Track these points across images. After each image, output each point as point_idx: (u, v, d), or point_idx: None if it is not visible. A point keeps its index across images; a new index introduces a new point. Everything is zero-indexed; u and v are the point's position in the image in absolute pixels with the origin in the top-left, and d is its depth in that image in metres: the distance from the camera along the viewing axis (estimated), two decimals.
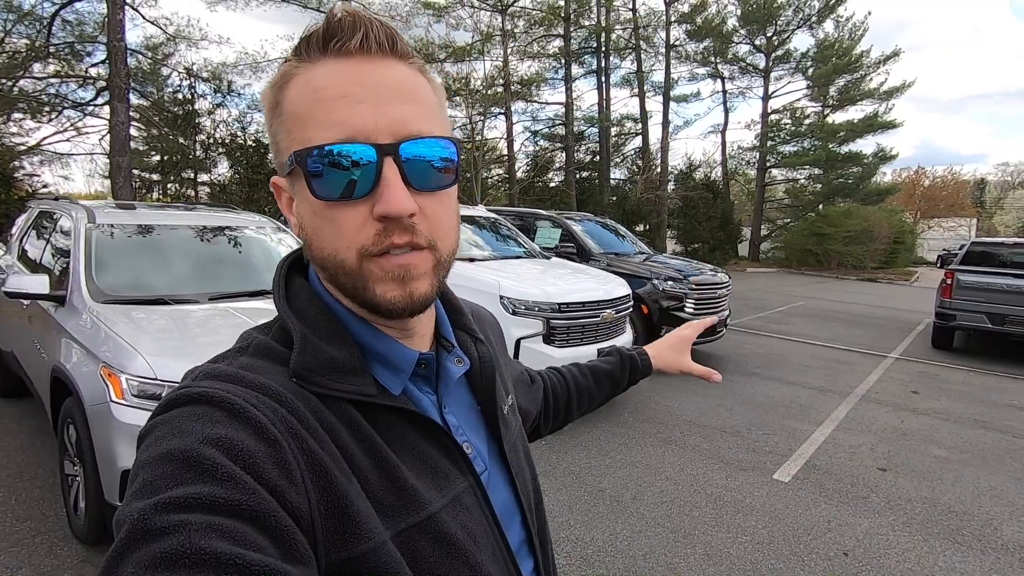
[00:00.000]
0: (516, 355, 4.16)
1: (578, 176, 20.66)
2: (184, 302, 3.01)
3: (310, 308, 0.54)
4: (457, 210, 0.55)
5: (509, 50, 17.76)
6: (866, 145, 24.04)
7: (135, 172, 12.55)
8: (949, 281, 7.51)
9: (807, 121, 24.69)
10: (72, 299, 2.88)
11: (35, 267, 3.72)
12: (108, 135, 9.67)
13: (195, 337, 2.65)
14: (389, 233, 0.47)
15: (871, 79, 23.52)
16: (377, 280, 0.49)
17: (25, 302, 3.27)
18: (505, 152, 19.52)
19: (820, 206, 24.23)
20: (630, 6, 20.55)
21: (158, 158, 14.52)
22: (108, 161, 10.00)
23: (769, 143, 24.73)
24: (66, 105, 10.88)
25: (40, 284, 2.88)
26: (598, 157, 21.14)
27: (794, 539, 2.92)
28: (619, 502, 3.20)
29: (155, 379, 2.30)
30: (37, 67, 10.55)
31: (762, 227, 25.53)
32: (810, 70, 23.70)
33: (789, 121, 24.97)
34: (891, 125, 23.01)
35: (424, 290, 0.50)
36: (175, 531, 0.35)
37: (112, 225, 3.39)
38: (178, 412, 0.43)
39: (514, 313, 4.21)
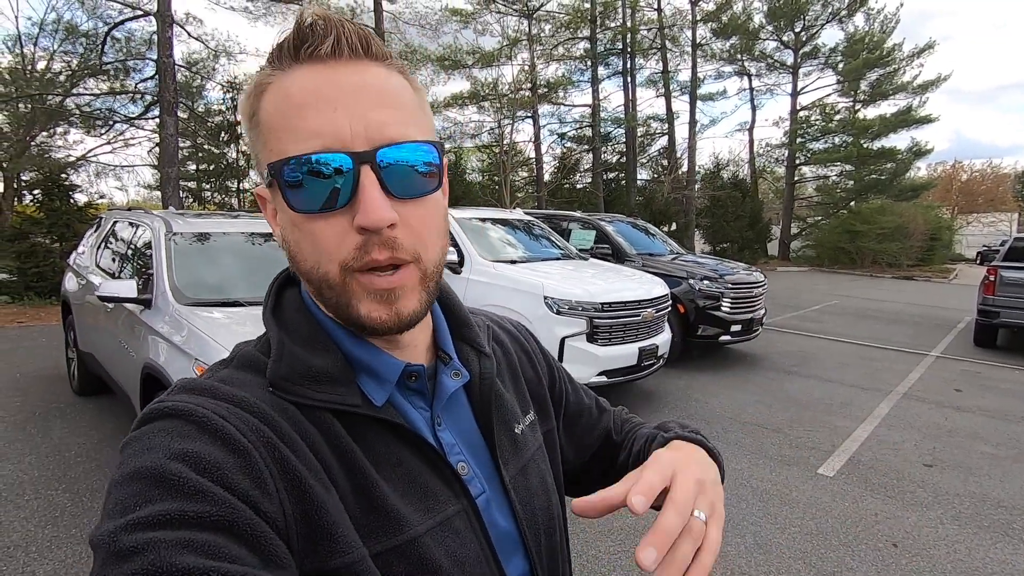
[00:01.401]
0: (560, 354, 4.29)
1: (605, 177, 20.71)
2: (255, 304, 3.24)
3: (295, 317, 0.53)
4: (444, 216, 0.53)
5: (535, 53, 17.93)
6: (899, 140, 23.62)
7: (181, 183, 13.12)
8: (992, 278, 7.38)
9: (837, 117, 24.24)
10: (158, 301, 3.13)
11: (113, 274, 4.01)
12: (157, 147, 10.14)
13: None
14: (369, 248, 0.45)
15: (904, 72, 23.01)
16: (361, 298, 0.47)
17: (109, 306, 3.55)
18: (532, 155, 19.70)
19: (852, 203, 23.74)
20: (655, 6, 20.54)
21: (197, 166, 15.11)
22: (153, 172, 10.46)
23: (798, 140, 24.36)
24: (117, 119, 11.47)
25: (129, 288, 3.13)
26: (625, 158, 21.15)
27: (843, 530, 2.99)
28: None
29: None
30: (91, 83, 11.14)
31: (792, 225, 25.13)
32: (840, 65, 23.27)
33: (819, 117, 24.56)
34: (926, 120, 22.47)
35: (412, 307, 0.48)
36: (144, 550, 0.35)
37: (185, 234, 3.64)
38: (148, 428, 0.43)
39: (558, 313, 4.35)
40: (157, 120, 9.92)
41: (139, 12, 9.81)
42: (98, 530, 0.37)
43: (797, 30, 23.33)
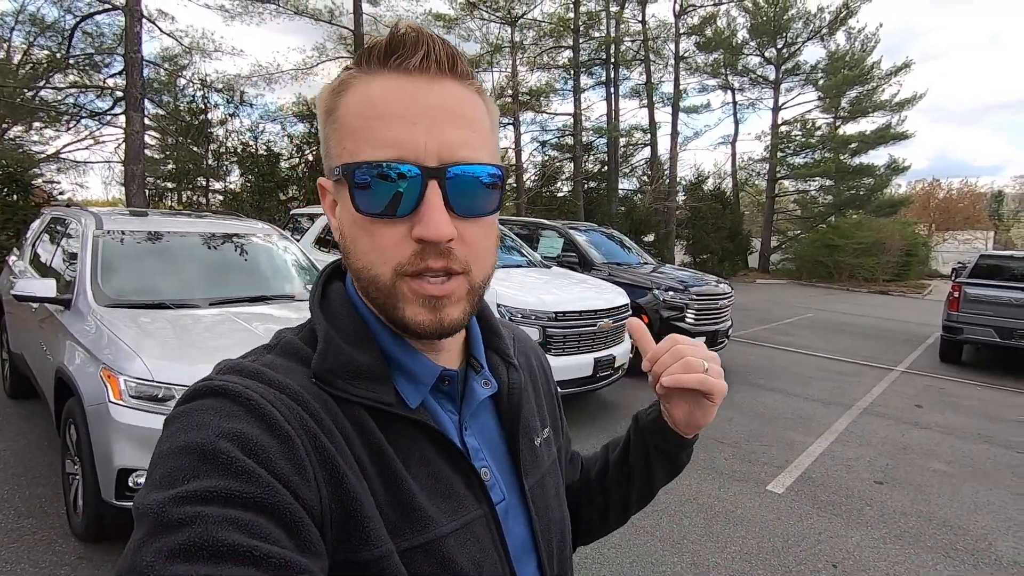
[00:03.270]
0: None
1: (586, 186, 20.71)
2: (186, 307, 3.10)
3: (341, 312, 0.54)
4: (496, 236, 0.55)
5: (518, 61, 17.95)
6: (878, 157, 23.89)
7: (150, 180, 12.84)
8: (956, 294, 7.44)
9: (818, 132, 24.59)
10: (77, 303, 2.98)
11: (46, 271, 3.83)
12: (124, 144, 9.91)
13: (194, 341, 2.73)
14: (425, 256, 0.47)
15: (883, 90, 23.41)
16: (408, 302, 0.49)
17: (34, 305, 3.38)
18: (513, 162, 19.66)
19: (831, 217, 24.05)
20: (639, 18, 20.68)
21: (172, 166, 14.85)
22: (124, 169, 10.23)
23: (779, 154, 24.65)
24: (84, 115, 11.20)
25: (47, 288, 2.98)
26: (606, 167, 21.20)
27: (783, 550, 2.91)
28: None
29: (152, 381, 2.37)
30: (57, 77, 10.87)
31: (772, 238, 25.37)
32: (821, 81, 23.64)
33: (800, 133, 24.89)
34: (903, 136, 22.86)
35: (456, 316, 0.50)
36: (192, 523, 0.36)
37: (119, 231, 3.49)
38: (198, 404, 0.44)
39: (511, 321, 4.25)
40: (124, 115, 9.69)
41: (108, 5, 9.60)
42: (145, 499, 0.39)
43: (779, 47, 23.65)
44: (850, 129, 24.09)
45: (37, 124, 12.21)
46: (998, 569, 2.86)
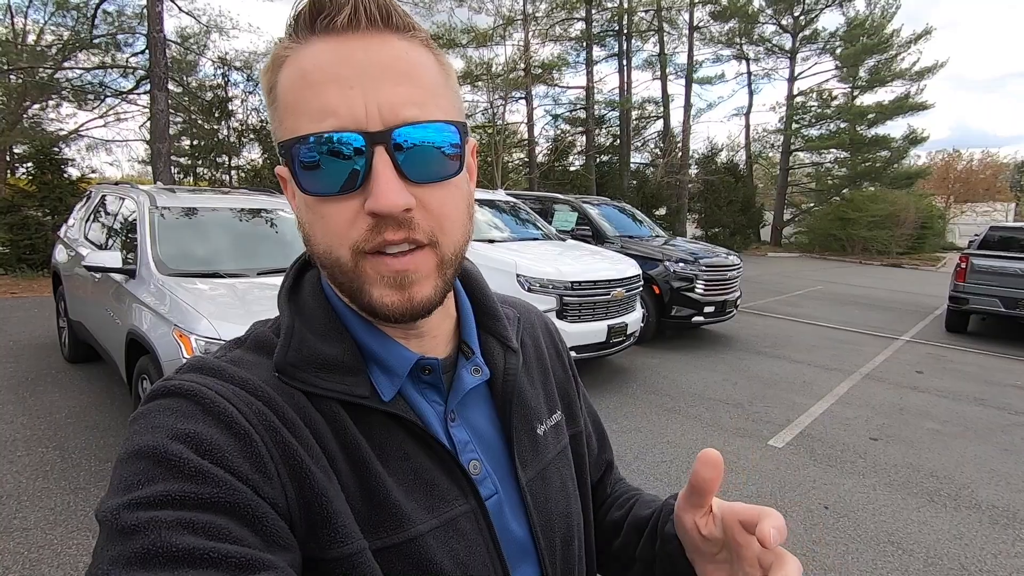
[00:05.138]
0: None
1: (598, 160, 20.74)
2: (236, 276, 3.42)
3: (310, 302, 0.52)
4: (467, 200, 0.50)
5: (530, 33, 17.84)
6: (896, 127, 23.65)
7: (172, 158, 13.16)
8: (963, 265, 7.59)
9: (835, 103, 24.21)
10: (141, 272, 3.30)
11: (101, 246, 4.17)
12: (148, 122, 10.18)
13: (250, 304, 3.04)
14: (381, 229, 0.44)
15: (902, 59, 22.93)
16: (372, 283, 0.45)
17: (97, 276, 3.72)
18: (525, 136, 19.70)
19: (845, 190, 23.85)
20: None
21: (188, 143, 15.16)
22: (146, 147, 10.52)
23: (794, 126, 24.36)
24: (108, 93, 11.49)
25: (114, 259, 3.31)
26: (619, 141, 21.16)
27: (779, 494, 3.22)
28: (622, 461, 3.53)
29: (218, 338, 2.69)
30: (81, 56, 11.13)
31: (785, 212, 25.25)
32: (838, 50, 23.17)
33: (815, 103, 24.52)
34: (922, 107, 22.46)
35: (426, 293, 0.46)
36: (146, 529, 0.36)
37: (170, 208, 3.80)
38: (154, 405, 0.43)
39: (529, 290, 4.53)
40: (148, 95, 9.95)
41: None
42: (103, 505, 0.38)
43: (796, 14, 23.17)
44: (867, 99, 23.73)
45: (55, 102, 12.50)
46: (976, 511, 3.15)
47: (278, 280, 0.56)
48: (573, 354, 4.65)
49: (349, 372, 0.49)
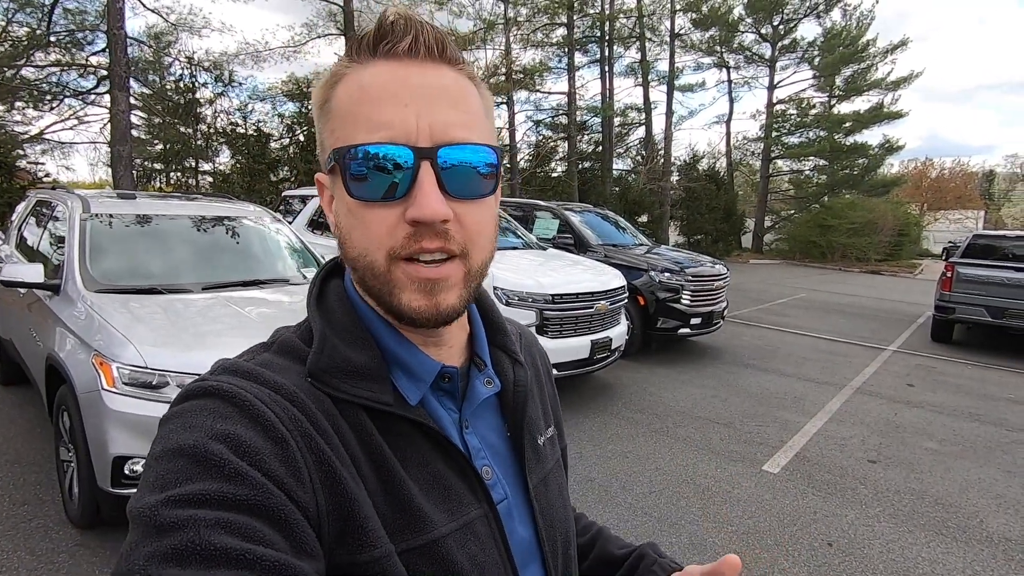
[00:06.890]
0: None
1: (580, 166, 20.59)
2: (178, 291, 3.05)
3: (338, 309, 0.54)
4: (496, 220, 0.54)
5: (512, 38, 17.64)
6: (872, 136, 23.90)
7: (137, 161, 12.61)
8: (949, 274, 7.48)
9: (813, 111, 24.48)
10: (66, 288, 2.91)
11: (32, 256, 3.76)
12: (109, 124, 9.68)
13: (187, 326, 2.68)
14: (419, 237, 0.46)
15: (877, 69, 23.28)
16: (403, 287, 0.48)
17: (22, 291, 3.32)
18: (507, 142, 19.45)
19: (825, 197, 24.09)
20: None
21: (160, 147, 14.58)
22: (109, 150, 10.02)
23: (774, 134, 24.55)
24: (67, 94, 10.92)
25: (35, 273, 2.92)
26: (601, 147, 21.05)
27: (779, 529, 2.95)
28: (608, 492, 3.24)
29: (146, 367, 2.33)
30: (39, 56, 10.57)
31: (766, 219, 25.40)
32: (816, 60, 23.45)
33: (795, 112, 24.76)
34: (897, 115, 22.81)
35: (452, 302, 0.49)
36: (185, 527, 0.36)
37: (107, 215, 3.41)
38: (191, 405, 0.44)
39: (508, 304, 4.22)
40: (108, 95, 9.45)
41: None
42: (138, 502, 0.38)
43: (775, 23, 23.39)
44: (844, 108, 24.04)
45: (19, 104, 11.92)
46: (988, 546, 2.91)
47: (228, 295, 0.60)
48: (555, 372, 4.39)
49: (375, 379, 0.50)
